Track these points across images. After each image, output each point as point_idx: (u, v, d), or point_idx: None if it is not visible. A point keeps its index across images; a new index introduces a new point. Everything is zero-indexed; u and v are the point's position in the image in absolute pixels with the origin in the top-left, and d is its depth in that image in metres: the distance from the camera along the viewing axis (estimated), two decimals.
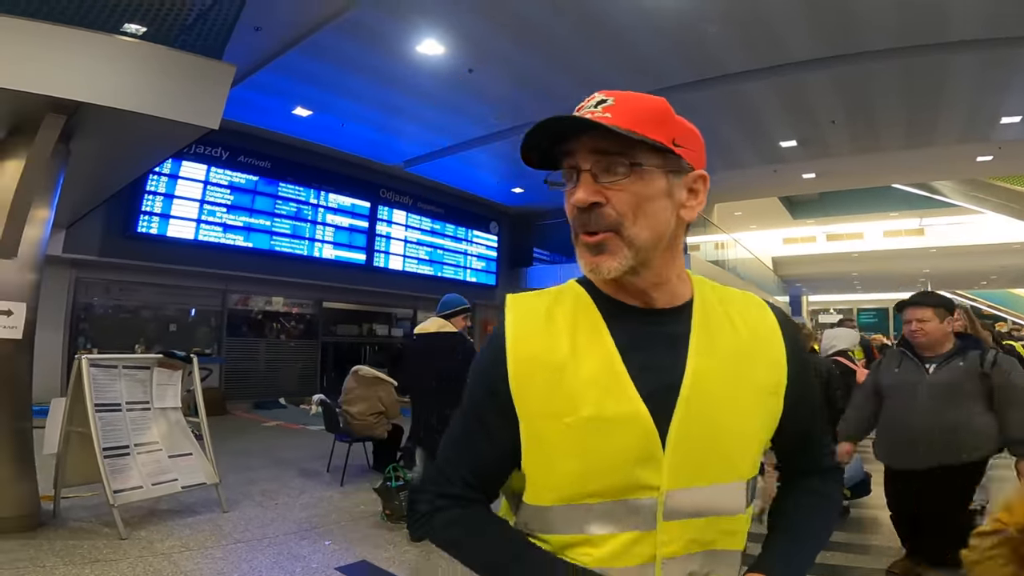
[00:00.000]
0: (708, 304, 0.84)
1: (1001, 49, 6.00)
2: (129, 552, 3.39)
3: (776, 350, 0.84)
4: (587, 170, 0.75)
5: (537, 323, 0.81)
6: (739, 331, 0.82)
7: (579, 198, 0.75)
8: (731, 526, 0.78)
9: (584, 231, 0.77)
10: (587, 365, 0.77)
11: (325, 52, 6.79)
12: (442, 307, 4.09)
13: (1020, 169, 11.08)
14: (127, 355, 5.13)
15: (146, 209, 8.76)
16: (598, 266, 0.76)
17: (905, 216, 19.03)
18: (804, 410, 0.87)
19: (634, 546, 0.75)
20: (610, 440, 0.74)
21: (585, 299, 0.83)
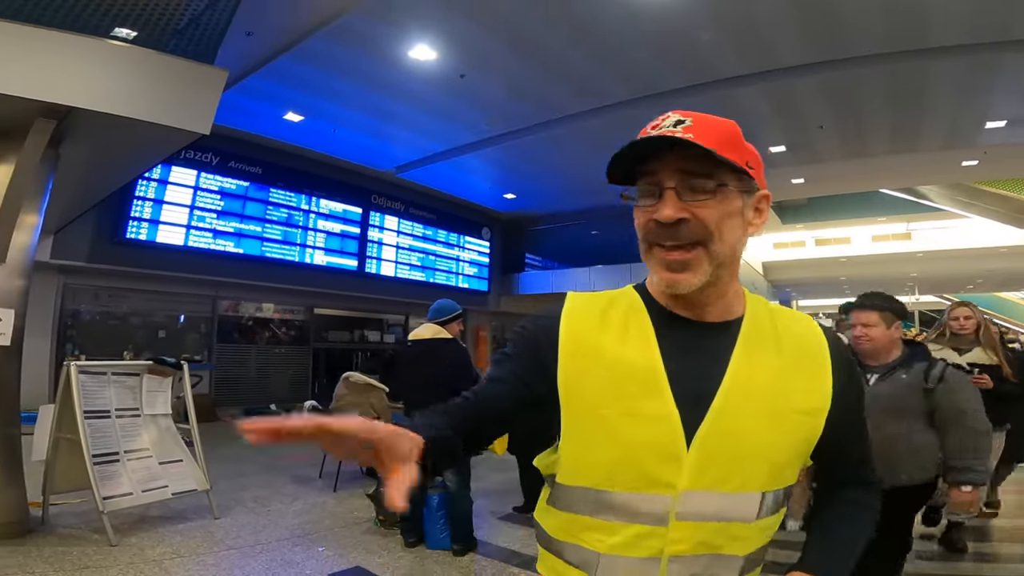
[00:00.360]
0: (758, 322, 0.87)
1: (984, 54, 6.09)
2: (119, 559, 3.35)
3: (822, 373, 0.85)
4: (672, 188, 0.78)
5: (592, 316, 0.86)
6: (784, 351, 0.85)
7: (667, 214, 0.78)
8: (741, 533, 0.80)
9: (667, 245, 0.80)
10: (630, 362, 0.81)
11: (317, 57, 6.79)
12: (436, 313, 4.05)
13: (1005, 173, 11.24)
14: (117, 361, 5.08)
15: (135, 215, 8.69)
16: (677, 283, 0.80)
17: (892, 221, 19.23)
18: (849, 428, 0.89)
19: (645, 539, 0.79)
20: (639, 434, 0.79)
21: (639, 305, 0.87)
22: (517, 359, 0.87)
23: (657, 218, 0.79)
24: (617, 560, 0.80)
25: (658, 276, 0.81)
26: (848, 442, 0.90)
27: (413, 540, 3.81)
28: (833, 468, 0.90)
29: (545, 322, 0.88)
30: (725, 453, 0.78)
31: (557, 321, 0.86)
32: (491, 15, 5.92)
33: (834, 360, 0.86)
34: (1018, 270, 18.43)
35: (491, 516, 4.48)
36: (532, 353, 0.86)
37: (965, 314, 3.54)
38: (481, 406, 0.86)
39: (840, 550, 0.88)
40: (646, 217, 0.81)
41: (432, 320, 4.05)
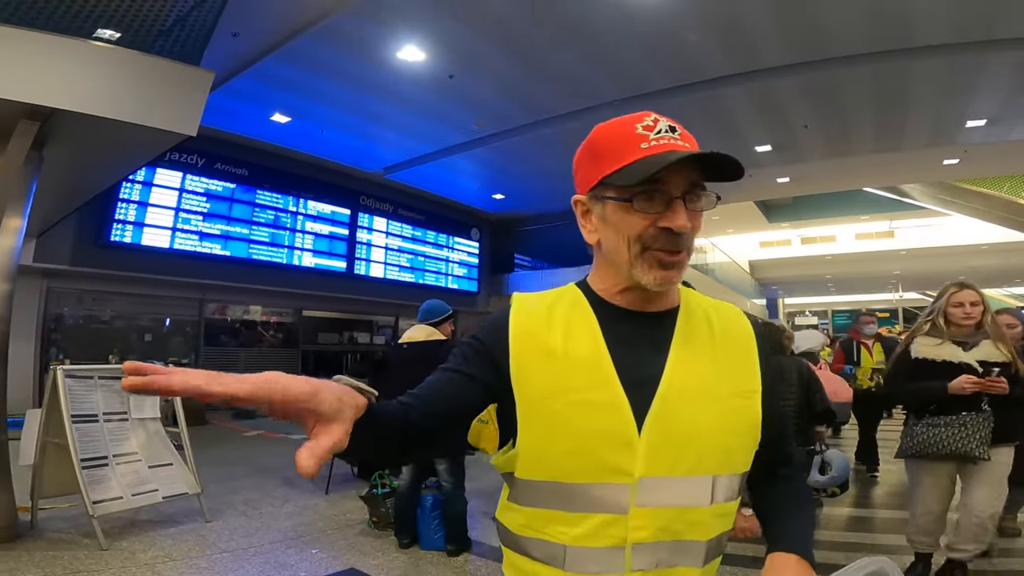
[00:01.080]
0: (692, 311, 0.93)
1: (965, 54, 6.21)
2: (111, 563, 3.32)
3: (751, 357, 0.92)
4: (680, 196, 0.82)
5: (540, 314, 0.89)
6: (716, 338, 0.91)
7: (682, 224, 0.81)
8: (698, 517, 0.83)
9: (670, 250, 0.83)
10: (578, 354, 0.84)
11: (304, 58, 6.76)
12: (427, 314, 4.01)
13: (985, 172, 11.46)
14: (103, 365, 5.02)
15: (119, 217, 8.59)
16: (671, 280, 0.85)
17: (876, 219, 19.52)
18: (774, 409, 0.95)
19: (607, 528, 0.81)
20: (591, 422, 0.81)
21: (583, 301, 0.91)
22: (473, 356, 0.89)
23: (669, 225, 0.81)
24: (583, 551, 0.81)
25: (651, 276, 0.83)
26: (776, 423, 0.95)
27: (407, 541, 3.81)
28: (768, 450, 0.94)
29: (495, 325, 0.90)
30: (674, 437, 0.82)
31: (506, 322, 0.89)
32: (480, 16, 5.93)
33: (760, 347, 0.93)
34: (1000, 267, 18.76)
35: (484, 516, 4.48)
36: (487, 351, 0.88)
37: (972, 299, 2.83)
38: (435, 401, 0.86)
39: (803, 526, 0.93)
40: (647, 222, 0.82)
41: (424, 321, 4.02)
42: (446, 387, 0.88)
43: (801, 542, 0.88)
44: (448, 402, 0.86)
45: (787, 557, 0.86)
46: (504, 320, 0.90)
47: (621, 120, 0.86)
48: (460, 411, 0.88)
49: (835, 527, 4.16)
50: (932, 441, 2.73)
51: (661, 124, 0.84)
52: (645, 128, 0.83)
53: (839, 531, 4.07)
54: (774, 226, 20.26)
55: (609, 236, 0.87)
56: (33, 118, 3.93)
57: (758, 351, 0.93)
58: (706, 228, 16.91)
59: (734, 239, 20.39)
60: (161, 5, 4.49)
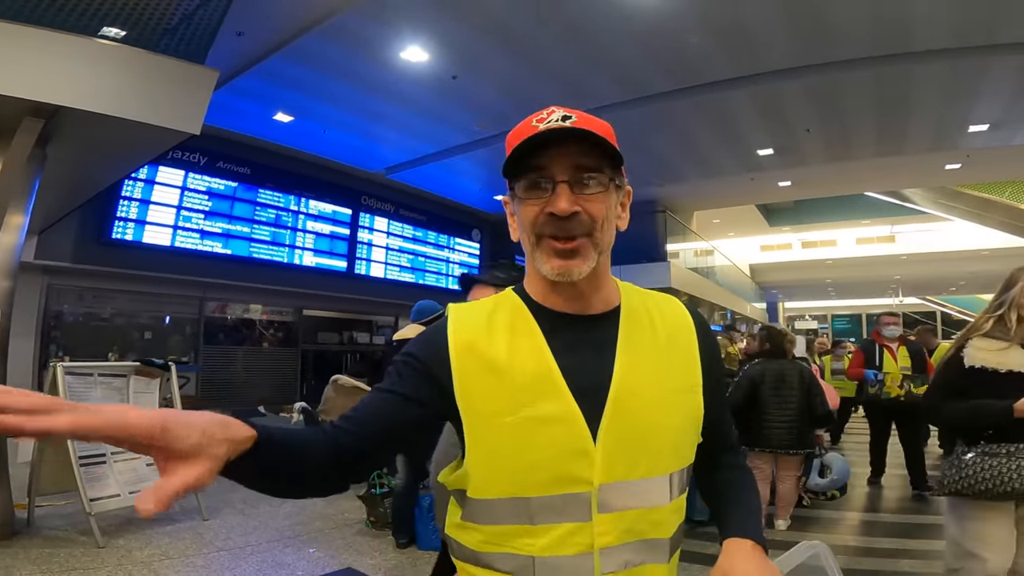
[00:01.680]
0: (633, 309, 0.91)
1: (967, 58, 6.21)
2: (107, 560, 3.32)
3: (691, 350, 0.92)
4: (565, 181, 0.81)
5: (478, 325, 0.87)
6: (659, 334, 0.90)
7: (562, 207, 0.80)
8: (660, 517, 0.84)
9: (559, 237, 0.82)
10: (524, 367, 0.82)
11: (308, 57, 6.77)
12: (418, 314, 4.00)
13: (988, 177, 11.44)
14: (103, 363, 5.04)
15: (121, 215, 8.59)
16: (569, 269, 0.82)
17: (877, 223, 19.50)
18: (717, 399, 0.96)
19: (573, 536, 0.80)
20: (546, 437, 0.80)
21: (522, 308, 0.89)
22: (409, 375, 0.85)
23: (552, 210, 0.80)
24: (552, 560, 0.80)
25: (549, 265, 0.82)
26: (718, 413, 0.97)
27: (404, 541, 3.81)
28: (711, 439, 0.95)
29: (430, 340, 0.87)
30: (630, 440, 0.82)
31: (444, 337, 0.86)
32: (484, 17, 5.94)
33: (699, 337, 0.93)
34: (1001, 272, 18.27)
35: None
36: (424, 369, 0.84)
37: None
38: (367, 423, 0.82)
39: (752, 512, 0.95)
40: (537, 210, 0.82)
41: (416, 321, 4.01)
42: (379, 408, 0.84)
43: (752, 527, 0.90)
44: (381, 423, 0.83)
45: (742, 543, 0.87)
46: (442, 334, 0.86)
47: (529, 117, 0.86)
48: (395, 432, 0.84)
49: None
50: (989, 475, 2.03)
51: (555, 115, 0.82)
52: (538, 120, 0.83)
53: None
54: (775, 230, 20.26)
55: (519, 228, 0.88)
56: (37, 115, 3.94)
57: (698, 342, 0.93)
58: (706, 231, 17.02)
59: (735, 243, 20.38)
60: (167, 3, 4.51)
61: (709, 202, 13.22)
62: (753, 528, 0.90)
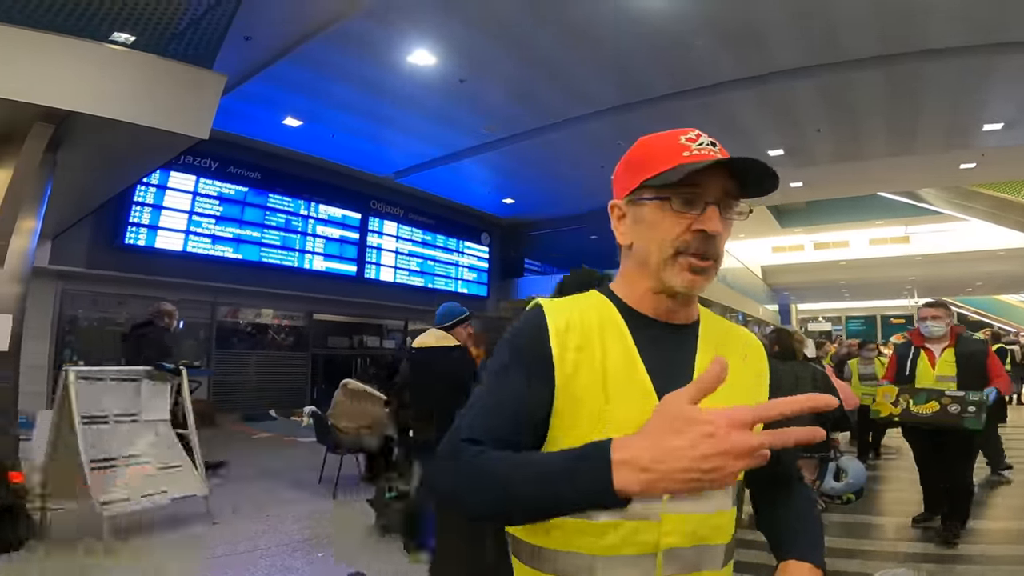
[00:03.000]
0: (711, 326, 0.97)
1: (980, 56, 6.12)
2: (117, 563, 3.33)
3: (761, 372, 0.98)
4: (715, 203, 0.85)
5: (572, 322, 0.89)
6: (736, 352, 0.95)
7: (715, 227, 0.84)
8: (721, 522, 0.86)
9: (699, 254, 0.85)
10: (614, 362, 0.86)
11: (315, 62, 6.80)
12: (440, 318, 3.86)
13: (1003, 176, 11.26)
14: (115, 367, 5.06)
15: (134, 220, 8.69)
16: (696, 286, 0.87)
17: (890, 224, 19.28)
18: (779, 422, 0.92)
19: (639, 535, 0.81)
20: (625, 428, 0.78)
21: (609, 306, 0.92)
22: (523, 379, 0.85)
23: (705, 228, 0.84)
24: (614, 560, 0.81)
25: (680, 279, 0.86)
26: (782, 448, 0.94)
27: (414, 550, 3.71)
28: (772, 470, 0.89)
29: (533, 331, 0.88)
30: None
31: (545, 330, 0.87)
32: (490, 20, 5.94)
33: (769, 364, 1.00)
34: (1017, 272, 18.46)
35: None
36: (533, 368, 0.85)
37: None
38: (527, 420, 0.83)
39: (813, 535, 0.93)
40: (684, 225, 0.85)
41: (438, 325, 3.86)
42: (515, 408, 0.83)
43: (812, 550, 0.89)
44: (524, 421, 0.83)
45: (801, 565, 0.86)
46: (540, 330, 0.87)
47: (666, 133, 0.90)
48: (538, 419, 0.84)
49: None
50: None
51: (703, 139, 0.87)
52: (688, 140, 0.87)
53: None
54: (787, 231, 20.08)
55: (643, 238, 0.89)
56: (48, 120, 3.98)
57: (768, 370, 0.99)
58: None
59: (746, 244, 20.22)
60: (175, 8, 4.54)
61: None
62: (813, 550, 0.89)
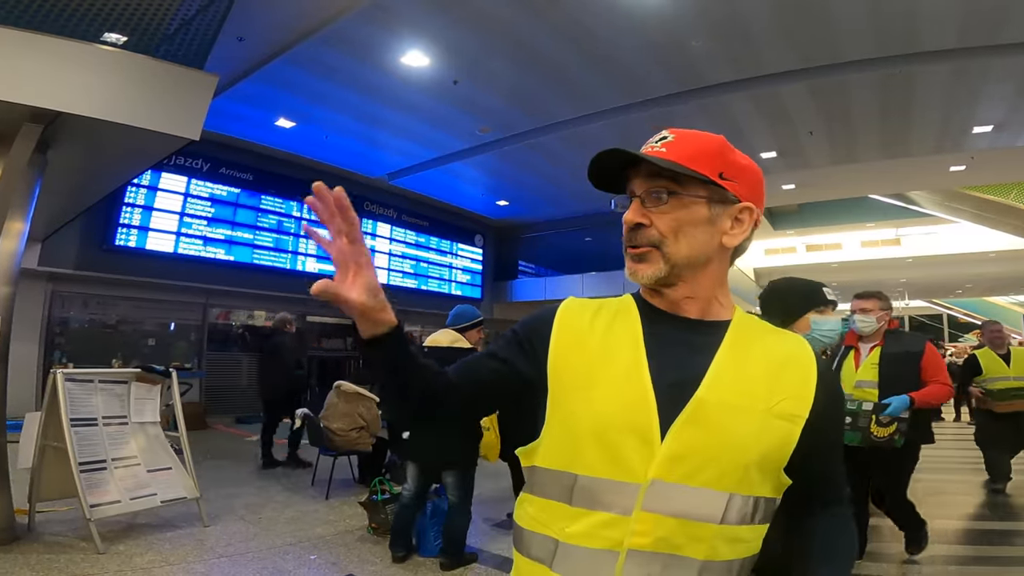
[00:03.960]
0: (747, 328, 0.91)
1: (972, 59, 6.17)
2: (107, 566, 3.30)
3: (806, 383, 0.86)
4: (638, 196, 0.89)
5: (586, 313, 0.94)
6: (771, 358, 0.87)
7: (627, 218, 0.89)
8: (701, 533, 0.79)
9: (629, 245, 0.90)
10: (615, 350, 0.87)
11: (309, 63, 6.79)
12: (455, 319, 3.88)
13: (993, 178, 11.35)
14: (104, 369, 5.03)
15: (124, 221, 8.63)
16: (636, 272, 0.89)
17: (881, 226, 19.37)
18: (826, 448, 0.91)
19: (606, 529, 0.79)
20: (615, 416, 0.81)
21: (630, 303, 0.94)
22: (508, 343, 0.95)
23: (624, 220, 0.89)
24: (573, 549, 0.80)
25: (627, 269, 0.90)
26: (826, 458, 0.91)
27: (402, 555, 3.67)
28: (814, 484, 0.90)
29: (542, 315, 0.96)
30: (700, 447, 0.79)
31: (553, 314, 0.94)
32: (485, 21, 5.94)
33: (820, 376, 0.88)
34: (1007, 274, 18.61)
35: (486, 523, 4.45)
36: (525, 339, 0.94)
37: None
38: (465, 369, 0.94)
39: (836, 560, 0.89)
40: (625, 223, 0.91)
41: (450, 326, 3.87)
42: (476, 364, 0.95)
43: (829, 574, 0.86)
44: (475, 375, 0.93)
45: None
46: (549, 312, 0.95)
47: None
48: (488, 387, 0.94)
49: None
50: None
51: (658, 136, 0.90)
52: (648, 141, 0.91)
53: None
54: (779, 233, 20.15)
55: None
56: (37, 121, 3.94)
57: (817, 382, 0.87)
58: None
59: None
60: (166, 9, 4.51)
61: None
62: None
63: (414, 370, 0.86)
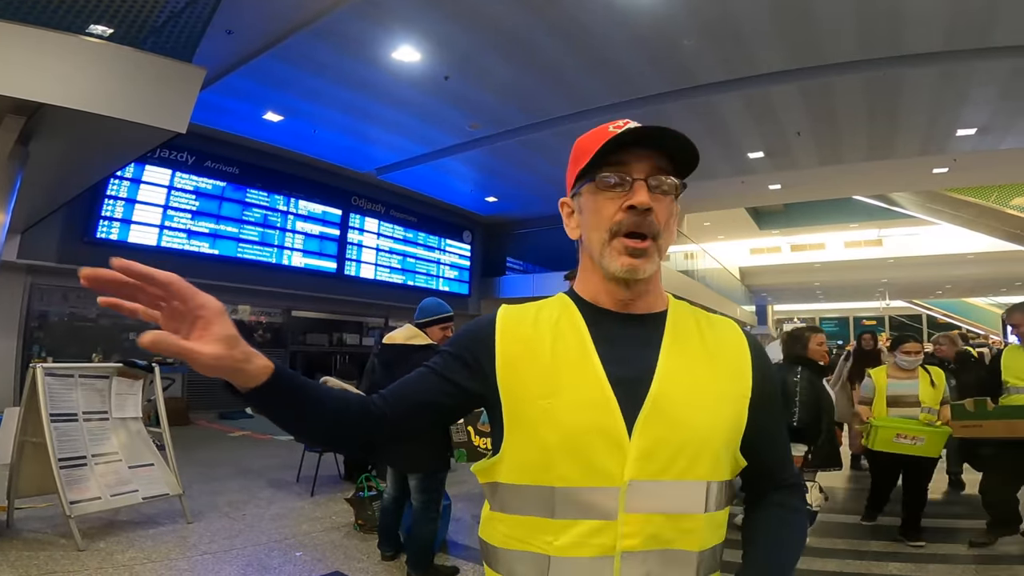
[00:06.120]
0: (682, 316, 0.92)
1: (959, 62, 6.24)
2: (87, 563, 3.26)
3: (743, 362, 0.90)
4: (643, 179, 0.83)
5: (525, 319, 0.90)
6: (707, 341, 0.89)
7: (642, 199, 0.82)
8: (691, 525, 0.80)
9: (634, 234, 0.84)
10: (566, 356, 0.84)
11: (298, 57, 6.71)
12: (422, 312, 3.57)
13: (974, 181, 11.54)
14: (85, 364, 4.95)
15: (106, 214, 8.50)
16: (636, 269, 0.84)
17: (865, 227, 19.67)
18: (770, 425, 0.91)
19: (595, 536, 0.77)
20: (580, 423, 0.79)
21: (569, 305, 0.91)
22: (448, 360, 0.90)
23: (632, 203, 0.82)
24: (568, 562, 0.78)
25: (618, 263, 0.84)
26: (770, 441, 0.92)
27: (390, 553, 3.63)
28: (759, 470, 0.91)
29: (479, 327, 0.91)
30: (667, 437, 0.79)
31: (492, 325, 0.89)
32: (477, 17, 5.92)
33: (753, 355, 0.91)
34: (986, 276, 18.95)
35: (474, 520, 4.45)
36: (467, 354, 0.89)
37: None
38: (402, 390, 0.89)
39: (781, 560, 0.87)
40: (615, 206, 0.84)
41: (416, 320, 3.58)
42: (415, 382, 0.90)
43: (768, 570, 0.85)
44: (412, 395, 0.88)
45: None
46: (488, 322, 0.90)
47: (601, 126, 0.89)
48: (424, 405, 0.88)
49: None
50: None
51: (631, 124, 0.86)
52: (615, 127, 0.85)
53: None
54: (765, 233, 20.38)
55: (585, 227, 0.89)
56: (19, 113, 3.87)
57: (751, 358, 0.90)
58: (697, 234, 17.06)
59: (725, 246, 20.48)
60: (155, 1, 4.44)
61: (700, 205, 13.25)
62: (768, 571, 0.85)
63: (316, 412, 0.79)
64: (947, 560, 3.56)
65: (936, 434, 3.72)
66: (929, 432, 3.72)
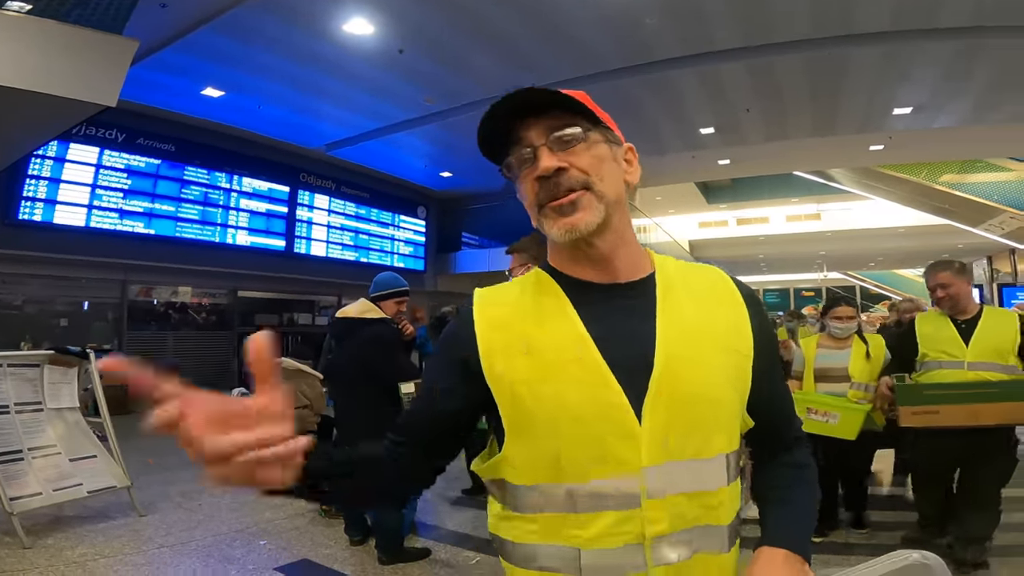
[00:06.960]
0: (669, 276, 0.85)
1: (904, 42, 6.46)
2: (36, 562, 3.08)
3: (740, 315, 0.85)
4: (543, 144, 0.78)
5: (505, 303, 0.84)
6: (703, 299, 0.84)
7: (545, 166, 0.77)
8: (715, 500, 0.78)
9: (553, 197, 0.78)
10: (555, 338, 0.77)
11: (241, 30, 6.35)
12: (377, 286, 3.50)
13: (907, 158, 12.13)
14: (13, 352, 4.61)
15: (28, 195, 7.92)
16: (574, 225, 0.77)
17: (805, 201, 20.42)
18: (773, 381, 0.88)
19: (623, 525, 0.74)
20: (584, 413, 0.74)
21: (548, 280, 0.84)
22: (445, 369, 0.84)
23: (536, 174, 0.78)
24: (599, 553, 0.74)
25: (556, 228, 0.78)
26: (775, 398, 0.89)
27: (359, 538, 3.56)
28: (767, 429, 0.88)
29: (459, 323, 0.84)
30: (678, 415, 0.75)
31: (470, 315, 0.83)
32: None
33: (748, 304, 0.87)
34: (915, 249, 20.06)
35: (443, 501, 4.41)
36: (456, 357, 0.82)
37: None
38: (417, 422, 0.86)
39: (796, 515, 0.86)
40: (530, 180, 0.80)
41: (371, 294, 3.49)
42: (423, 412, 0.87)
43: (792, 535, 0.81)
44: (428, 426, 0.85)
45: (774, 552, 0.79)
46: (467, 316, 0.83)
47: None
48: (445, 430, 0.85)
49: None
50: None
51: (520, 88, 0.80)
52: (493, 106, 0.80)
53: None
54: (713, 207, 20.87)
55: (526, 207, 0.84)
56: None
57: (747, 308, 0.85)
58: (648, 208, 17.32)
59: (675, 219, 20.91)
60: None
61: (652, 179, 13.41)
62: (792, 536, 0.81)
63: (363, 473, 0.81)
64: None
65: (852, 411, 3.04)
66: (843, 408, 3.06)
